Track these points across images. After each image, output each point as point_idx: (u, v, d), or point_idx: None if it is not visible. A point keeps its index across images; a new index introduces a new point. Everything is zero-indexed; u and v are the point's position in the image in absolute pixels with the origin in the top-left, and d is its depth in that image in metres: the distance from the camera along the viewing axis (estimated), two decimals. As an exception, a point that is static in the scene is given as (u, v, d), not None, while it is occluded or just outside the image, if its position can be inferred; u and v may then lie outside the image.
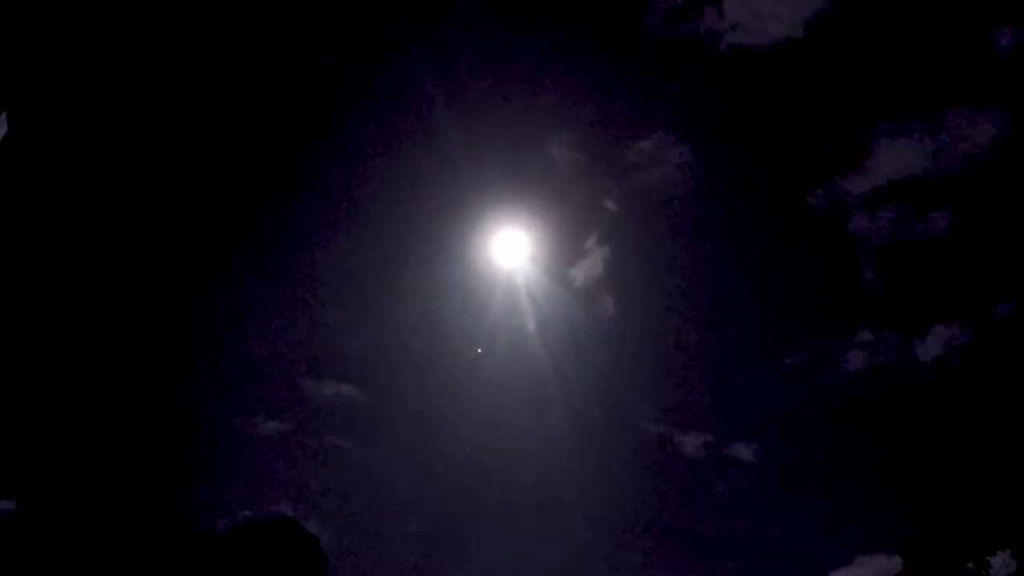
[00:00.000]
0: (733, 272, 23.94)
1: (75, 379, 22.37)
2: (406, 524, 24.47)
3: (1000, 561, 20.67)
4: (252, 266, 24.63)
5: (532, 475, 24.93)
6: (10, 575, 19.97)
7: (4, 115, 10.72)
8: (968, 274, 18.81)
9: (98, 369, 22.79)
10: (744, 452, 23.95)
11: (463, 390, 24.46)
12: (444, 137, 23.01)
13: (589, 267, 23.46)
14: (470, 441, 24.61)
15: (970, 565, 20.96)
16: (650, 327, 24.31)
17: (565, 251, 23.42)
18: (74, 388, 22.37)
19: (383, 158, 24.40)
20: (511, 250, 23.68)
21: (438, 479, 24.18)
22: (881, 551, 21.25)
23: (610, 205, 23.26)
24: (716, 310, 23.93)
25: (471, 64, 22.80)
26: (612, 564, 24.50)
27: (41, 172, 19.70)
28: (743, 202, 21.87)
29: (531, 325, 23.77)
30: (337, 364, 24.66)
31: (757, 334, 23.39)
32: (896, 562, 20.27)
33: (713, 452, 24.29)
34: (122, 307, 22.94)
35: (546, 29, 23.11)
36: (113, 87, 20.67)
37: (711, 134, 21.81)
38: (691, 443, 24.53)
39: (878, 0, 18.02)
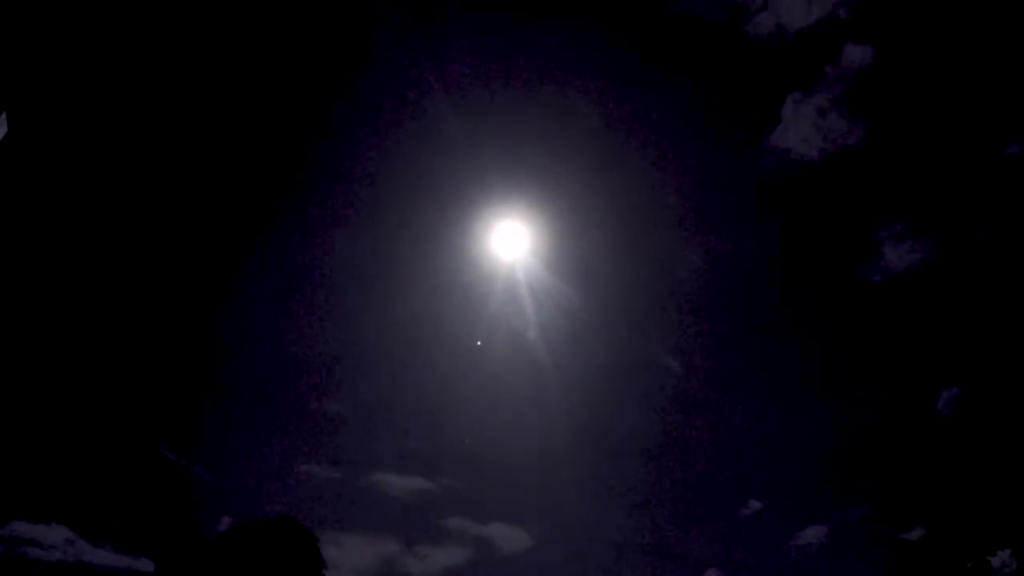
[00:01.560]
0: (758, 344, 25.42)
1: (132, 417, 22.46)
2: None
3: (1000, 561, 20.68)
4: (255, 270, 24.70)
5: (532, 474, 25.04)
6: None
7: (4, 115, 10.77)
8: (966, 344, 21.95)
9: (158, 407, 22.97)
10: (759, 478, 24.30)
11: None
12: (447, 132, 23.09)
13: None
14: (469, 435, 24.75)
15: (970, 565, 20.98)
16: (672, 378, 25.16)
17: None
18: (131, 424, 22.46)
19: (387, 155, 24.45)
20: (513, 244, 23.79)
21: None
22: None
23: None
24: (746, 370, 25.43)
25: (478, 65, 22.89)
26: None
27: (41, 172, 19.76)
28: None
29: (532, 326, 23.87)
30: (411, 458, 25.00)
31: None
32: None
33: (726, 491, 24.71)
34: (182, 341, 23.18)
35: (542, 28, 23.17)
36: (113, 88, 20.72)
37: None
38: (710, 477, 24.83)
39: (897, 127, 21.17)
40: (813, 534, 23.34)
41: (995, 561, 20.77)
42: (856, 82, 21.50)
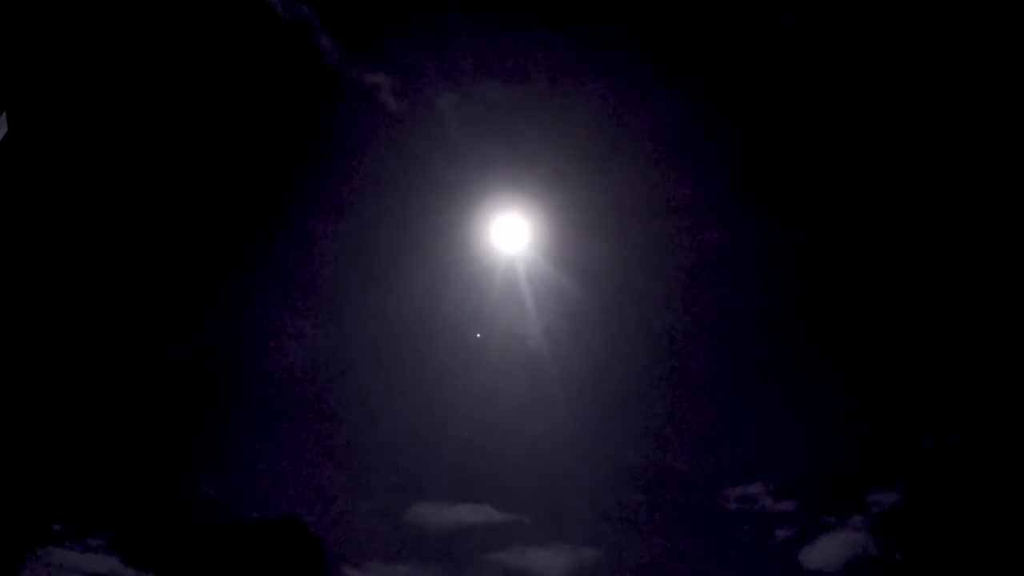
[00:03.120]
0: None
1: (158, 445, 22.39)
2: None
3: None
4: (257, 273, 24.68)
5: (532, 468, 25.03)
6: None
7: (4, 115, 10.74)
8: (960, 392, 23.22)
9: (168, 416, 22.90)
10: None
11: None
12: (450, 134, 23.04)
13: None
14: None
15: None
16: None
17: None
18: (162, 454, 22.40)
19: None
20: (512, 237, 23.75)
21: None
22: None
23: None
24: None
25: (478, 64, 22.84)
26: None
27: (41, 172, 19.73)
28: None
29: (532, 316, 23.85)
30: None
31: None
32: None
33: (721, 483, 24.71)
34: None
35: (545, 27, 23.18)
36: (112, 86, 20.69)
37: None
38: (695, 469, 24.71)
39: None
40: (830, 556, 23.41)
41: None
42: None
